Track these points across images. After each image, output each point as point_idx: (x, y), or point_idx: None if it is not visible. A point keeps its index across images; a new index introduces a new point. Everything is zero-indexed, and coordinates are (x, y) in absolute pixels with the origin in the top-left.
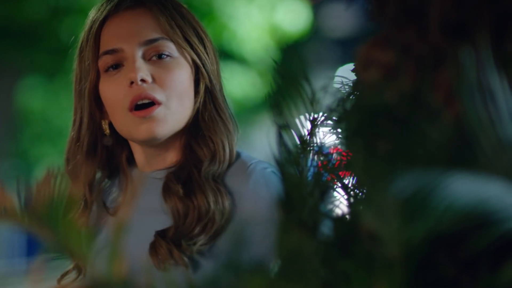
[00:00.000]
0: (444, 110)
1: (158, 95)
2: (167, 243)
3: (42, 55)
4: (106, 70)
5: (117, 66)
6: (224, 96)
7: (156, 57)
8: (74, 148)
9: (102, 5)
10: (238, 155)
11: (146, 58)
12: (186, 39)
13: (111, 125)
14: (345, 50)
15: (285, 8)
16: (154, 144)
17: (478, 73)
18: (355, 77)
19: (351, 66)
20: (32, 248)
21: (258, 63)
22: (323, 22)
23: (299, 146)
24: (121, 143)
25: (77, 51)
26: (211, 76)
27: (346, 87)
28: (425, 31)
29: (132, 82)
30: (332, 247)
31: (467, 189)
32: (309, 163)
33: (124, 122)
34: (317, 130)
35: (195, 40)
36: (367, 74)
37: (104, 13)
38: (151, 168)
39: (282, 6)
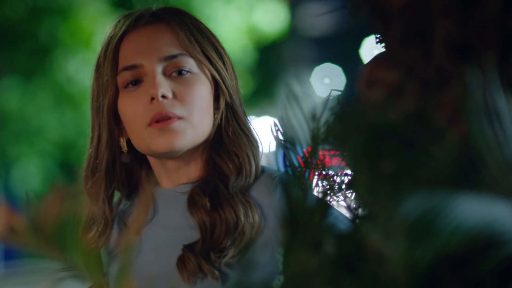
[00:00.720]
0: (449, 131)
1: (179, 111)
2: (196, 256)
3: (20, 56)
4: (125, 86)
5: (136, 82)
6: (244, 111)
7: (176, 73)
8: (93, 165)
9: (120, 20)
10: (262, 169)
11: (166, 74)
12: (206, 55)
13: (128, 143)
14: (321, 49)
15: (263, 9)
16: (174, 157)
17: (484, 94)
18: (358, 95)
19: (328, 65)
20: (10, 252)
21: (236, 64)
22: (300, 22)
23: (303, 165)
24: (140, 160)
25: (94, 67)
26: (231, 91)
27: (350, 105)
28: (430, 51)
29: (153, 98)
30: (337, 266)
31: (474, 210)
32: (313, 182)
33: (142, 136)
34: (320, 148)
35: (214, 56)
36: (371, 93)
37: (123, 28)
38: (173, 183)
39: (260, 7)
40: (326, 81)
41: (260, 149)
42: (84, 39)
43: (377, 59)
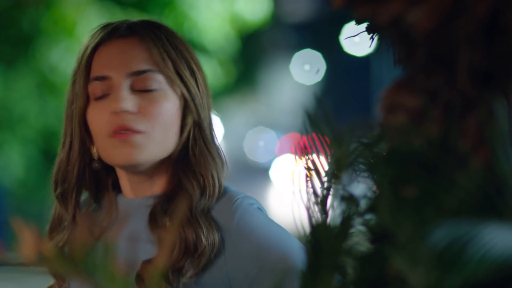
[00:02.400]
0: (473, 157)
1: (140, 126)
2: None
3: (3, 44)
4: (95, 99)
5: (104, 95)
6: (212, 130)
7: (144, 90)
8: (64, 171)
9: (97, 31)
10: (225, 189)
11: (134, 88)
12: (177, 72)
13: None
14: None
15: None
16: (137, 171)
17: (509, 122)
18: (380, 120)
19: (308, 51)
20: None
21: (219, 52)
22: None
23: (326, 189)
24: (108, 168)
25: (71, 74)
26: (200, 110)
27: (373, 130)
28: (453, 78)
29: (115, 112)
30: None
31: (501, 239)
32: (336, 206)
33: (105, 146)
34: (343, 173)
35: (186, 73)
36: (393, 118)
37: (97, 39)
38: (136, 195)
39: None
40: (306, 67)
41: (225, 170)
42: (67, 28)
43: (398, 83)
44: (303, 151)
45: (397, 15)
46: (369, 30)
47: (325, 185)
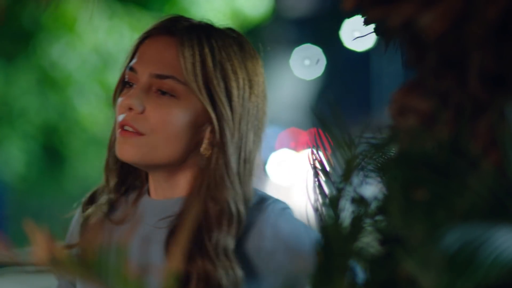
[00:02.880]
0: (484, 160)
1: (140, 127)
2: None
3: (3, 40)
4: (125, 87)
5: (130, 84)
6: (245, 157)
7: (160, 92)
8: (110, 150)
9: (158, 21)
10: (255, 193)
11: (152, 89)
12: (207, 87)
13: None
14: (301, 30)
15: None
16: (150, 171)
17: None
18: (390, 123)
19: (308, 46)
20: None
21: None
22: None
23: (337, 191)
24: None
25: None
26: (225, 130)
27: (383, 132)
28: (464, 81)
29: (130, 108)
30: None
31: None
32: (346, 208)
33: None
34: (354, 175)
35: (218, 90)
36: (404, 121)
37: (148, 31)
38: (158, 196)
39: None
40: (306, 63)
41: (249, 200)
42: (67, 24)
43: (408, 86)
44: (313, 152)
45: (409, 18)
46: (379, 32)
47: (336, 186)
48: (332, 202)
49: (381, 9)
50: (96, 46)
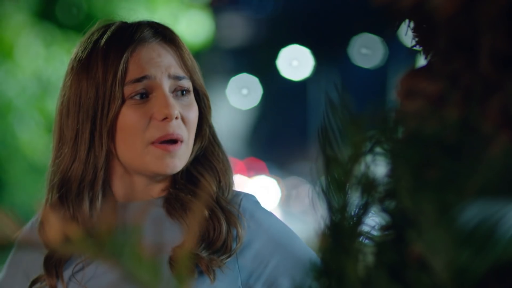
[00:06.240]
0: (495, 138)
1: (184, 133)
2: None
3: None
4: (131, 97)
5: (143, 95)
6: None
7: (180, 93)
8: (81, 176)
9: (116, 30)
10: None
11: (171, 92)
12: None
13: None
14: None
15: (187, 19)
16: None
17: None
18: (397, 106)
19: (245, 75)
20: None
21: None
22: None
23: (344, 173)
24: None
25: (75, 73)
26: (211, 122)
27: (391, 115)
28: (474, 62)
29: (165, 118)
30: (380, 273)
31: None
32: (355, 191)
33: (140, 153)
34: (362, 158)
35: (202, 82)
36: (410, 103)
37: (128, 40)
38: (128, 199)
39: (184, 17)
40: (244, 92)
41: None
42: (5, 51)
43: (414, 70)
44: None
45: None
46: (389, 15)
47: (344, 168)
48: (340, 186)
49: None
50: (35, 72)
